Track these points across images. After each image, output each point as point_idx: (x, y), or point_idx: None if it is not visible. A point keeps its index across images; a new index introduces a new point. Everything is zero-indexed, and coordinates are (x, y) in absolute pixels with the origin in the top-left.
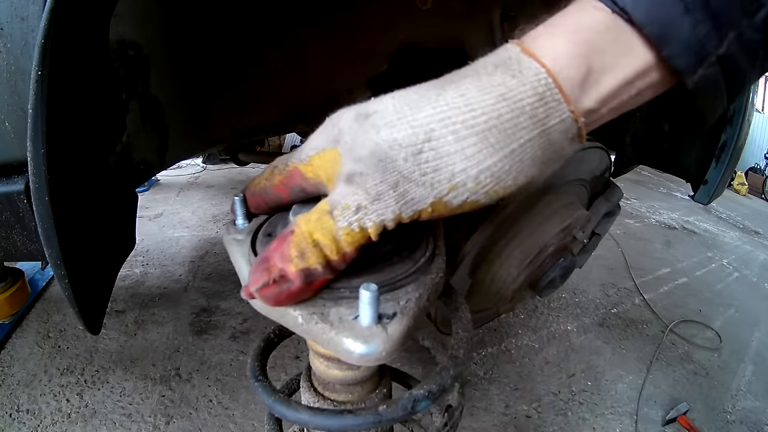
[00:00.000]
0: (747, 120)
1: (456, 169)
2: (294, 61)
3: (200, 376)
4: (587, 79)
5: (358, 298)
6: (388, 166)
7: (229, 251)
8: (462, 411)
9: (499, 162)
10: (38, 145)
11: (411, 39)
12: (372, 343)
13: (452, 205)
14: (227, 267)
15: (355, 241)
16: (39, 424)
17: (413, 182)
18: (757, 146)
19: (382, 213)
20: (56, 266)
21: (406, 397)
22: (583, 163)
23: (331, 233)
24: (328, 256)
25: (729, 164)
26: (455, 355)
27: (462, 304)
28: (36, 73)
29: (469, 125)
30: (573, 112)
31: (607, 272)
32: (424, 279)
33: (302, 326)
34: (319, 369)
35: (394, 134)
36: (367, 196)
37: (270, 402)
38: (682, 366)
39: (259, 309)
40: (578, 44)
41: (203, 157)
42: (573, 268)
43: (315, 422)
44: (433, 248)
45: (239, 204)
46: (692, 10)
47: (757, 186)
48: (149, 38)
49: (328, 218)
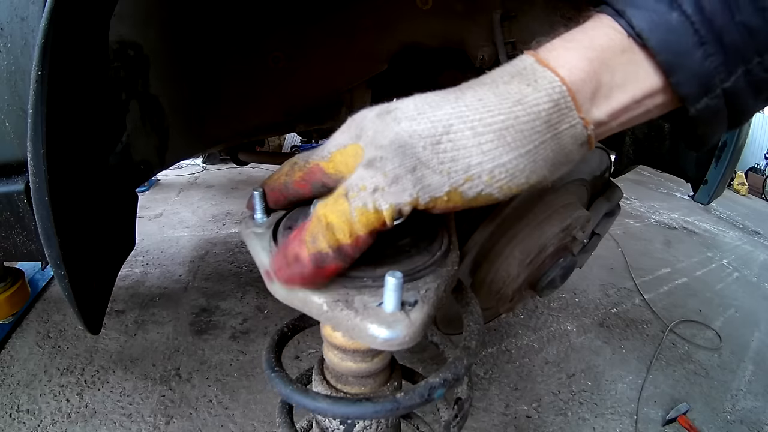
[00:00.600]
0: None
1: (472, 162)
2: (294, 60)
3: (200, 376)
4: (597, 93)
5: (380, 287)
6: (407, 152)
7: (249, 244)
8: (471, 403)
9: (514, 160)
10: (38, 145)
11: (411, 39)
12: (396, 329)
13: (467, 196)
14: (227, 267)
15: (369, 223)
16: (39, 424)
17: (431, 169)
18: (757, 146)
19: (398, 196)
20: (56, 266)
21: (423, 385)
22: (583, 163)
23: (345, 214)
24: (340, 240)
25: (729, 164)
26: (468, 345)
27: (473, 299)
28: (36, 73)
29: (486, 123)
30: (584, 119)
31: (607, 272)
32: (441, 271)
33: (327, 313)
34: (333, 361)
35: (414, 126)
36: (384, 178)
37: (288, 392)
38: (682, 366)
39: (281, 298)
40: (592, 61)
41: (203, 157)
42: (573, 268)
43: (334, 410)
44: (448, 242)
45: (258, 198)
46: (706, 43)
47: (757, 186)
48: (149, 38)
49: (343, 200)
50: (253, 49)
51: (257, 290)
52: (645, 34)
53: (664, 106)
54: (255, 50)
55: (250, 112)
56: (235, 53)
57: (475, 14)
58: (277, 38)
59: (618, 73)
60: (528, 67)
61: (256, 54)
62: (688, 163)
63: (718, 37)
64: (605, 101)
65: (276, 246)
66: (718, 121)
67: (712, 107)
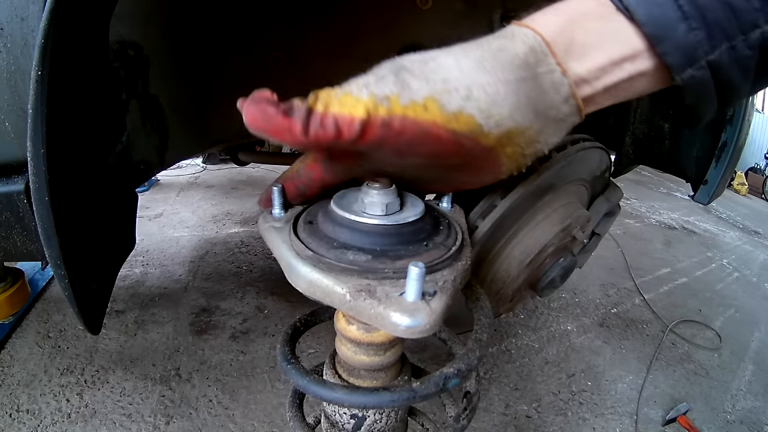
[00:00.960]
0: (747, 120)
1: (451, 75)
2: (294, 60)
3: (200, 376)
4: (572, 46)
5: (401, 278)
6: (396, 62)
7: (267, 238)
8: (479, 397)
9: (493, 84)
10: (38, 145)
11: (411, 39)
12: (417, 317)
13: (446, 110)
14: (227, 267)
15: (347, 105)
16: (39, 424)
17: (413, 75)
18: (757, 146)
19: (380, 88)
20: (56, 266)
21: (437, 375)
22: (583, 163)
23: (331, 93)
24: (314, 107)
25: (729, 164)
26: (479, 338)
27: (482, 294)
28: (36, 73)
29: (467, 55)
30: (560, 66)
31: (607, 272)
32: (456, 264)
33: (349, 302)
34: (346, 355)
35: (406, 57)
36: (373, 78)
37: (304, 383)
38: (682, 366)
39: (303, 290)
40: (566, 21)
41: (203, 157)
42: (573, 268)
43: (352, 400)
44: (462, 238)
45: (277, 194)
46: (690, 17)
47: (757, 186)
48: (149, 38)
49: (334, 90)
50: (253, 50)
51: (257, 290)
52: (632, 8)
53: (651, 75)
54: (255, 50)
55: None
56: (236, 53)
57: (475, 14)
58: (277, 38)
59: (594, 34)
60: (508, 29)
61: (256, 54)
62: (688, 163)
63: (701, 13)
64: (582, 56)
65: (297, 239)
66: (706, 94)
67: (698, 78)
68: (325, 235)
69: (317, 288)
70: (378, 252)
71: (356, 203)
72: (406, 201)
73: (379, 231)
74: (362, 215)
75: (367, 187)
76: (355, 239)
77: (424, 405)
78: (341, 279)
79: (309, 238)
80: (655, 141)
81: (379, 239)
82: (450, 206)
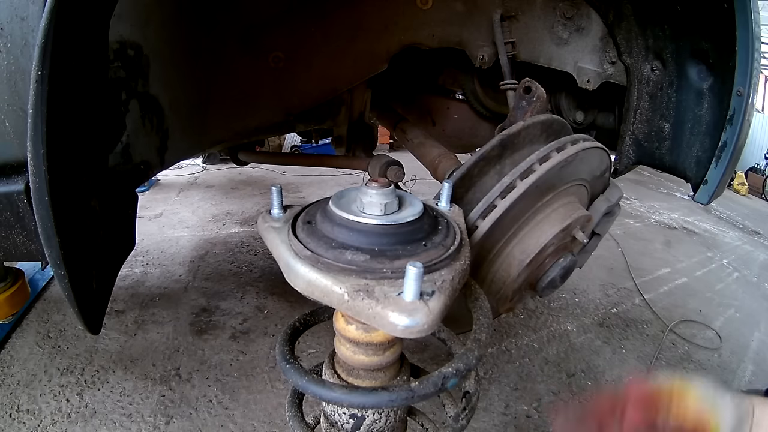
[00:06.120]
0: (747, 120)
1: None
2: (294, 60)
3: (200, 376)
4: None
5: (399, 278)
6: None
7: (266, 238)
8: (479, 397)
9: None
10: (38, 145)
11: (411, 39)
12: (416, 317)
13: None
14: (227, 267)
15: None
16: (39, 424)
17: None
18: (757, 146)
19: None
20: (56, 266)
21: (436, 374)
22: (583, 163)
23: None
24: None
25: (729, 164)
26: (478, 338)
27: (481, 294)
28: (36, 73)
29: None
30: None
31: (607, 272)
32: (455, 264)
33: (348, 303)
34: (345, 355)
35: None
36: None
37: (303, 383)
38: (682, 366)
39: (301, 290)
40: None
41: (203, 157)
42: (573, 268)
43: (350, 400)
44: (461, 238)
45: (276, 194)
46: None
47: (757, 186)
48: (149, 38)
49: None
50: (253, 50)
51: (257, 290)
52: None
53: None
54: (255, 50)
55: (251, 112)
56: (236, 53)
57: (474, 14)
58: (277, 38)
59: None
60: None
61: (256, 54)
62: (688, 163)
63: None
64: None
65: (296, 239)
66: None
67: None
68: (323, 235)
69: (316, 288)
70: (376, 252)
71: (355, 203)
72: (404, 201)
73: (377, 231)
74: (361, 215)
75: (365, 187)
76: (354, 239)
77: (424, 405)
78: (339, 279)
79: (308, 237)
80: (655, 141)
81: (378, 239)
82: (449, 206)
